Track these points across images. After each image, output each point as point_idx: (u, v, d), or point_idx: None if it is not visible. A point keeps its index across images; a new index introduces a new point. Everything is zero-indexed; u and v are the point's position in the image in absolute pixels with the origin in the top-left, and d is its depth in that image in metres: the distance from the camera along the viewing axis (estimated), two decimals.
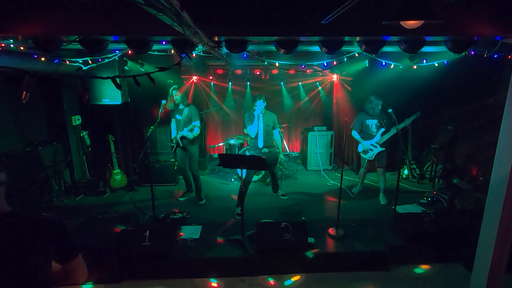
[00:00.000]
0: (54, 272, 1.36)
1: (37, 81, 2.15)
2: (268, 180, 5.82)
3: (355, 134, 4.97)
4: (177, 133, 4.77)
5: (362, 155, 5.06)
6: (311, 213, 4.66)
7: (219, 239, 3.78)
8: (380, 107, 4.75)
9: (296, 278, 3.40)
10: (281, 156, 5.03)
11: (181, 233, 3.79)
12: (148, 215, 4.49)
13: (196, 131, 4.70)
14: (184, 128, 4.67)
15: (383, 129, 4.81)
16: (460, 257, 3.64)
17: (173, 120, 4.89)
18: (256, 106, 4.53)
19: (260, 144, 4.64)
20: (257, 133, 4.64)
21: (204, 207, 5.00)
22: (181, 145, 4.79)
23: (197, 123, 4.69)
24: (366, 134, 4.91)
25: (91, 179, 5.76)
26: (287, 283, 3.36)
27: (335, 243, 3.71)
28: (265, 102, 4.58)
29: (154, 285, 3.37)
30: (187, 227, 4.02)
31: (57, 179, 5.17)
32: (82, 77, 4.43)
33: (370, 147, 4.89)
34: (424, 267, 3.60)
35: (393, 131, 4.70)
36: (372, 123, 4.87)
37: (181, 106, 4.75)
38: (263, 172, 5.91)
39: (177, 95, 4.65)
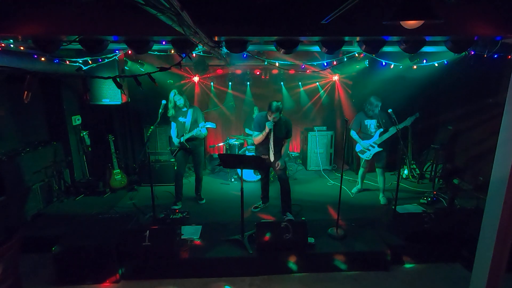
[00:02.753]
0: None
1: (38, 81, 2.15)
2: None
3: (353, 134, 4.97)
4: (183, 136, 4.65)
5: (360, 155, 5.07)
6: (311, 213, 4.66)
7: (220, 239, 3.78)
8: (379, 108, 4.75)
9: None
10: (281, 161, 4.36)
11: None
12: (148, 215, 4.49)
13: (205, 131, 4.65)
14: (195, 129, 4.56)
15: (381, 130, 4.82)
16: (460, 257, 3.64)
17: (173, 124, 4.78)
18: (273, 114, 4.00)
19: (272, 156, 4.23)
20: (265, 143, 4.26)
21: (204, 207, 5.00)
22: (188, 147, 4.68)
23: (202, 124, 4.64)
24: (365, 135, 4.93)
25: (91, 179, 5.75)
26: None
27: (335, 243, 3.71)
28: (279, 112, 4.04)
29: (154, 285, 3.37)
30: (187, 227, 4.02)
31: (57, 179, 5.17)
32: (82, 77, 4.43)
33: (367, 147, 4.90)
34: (424, 267, 3.60)
35: (391, 132, 4.71)
36: (370, 123, 4.88)
37: (184, 109, 4.70)
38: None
39: (179, 100, 4.58)
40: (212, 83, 7.23)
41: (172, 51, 4.04)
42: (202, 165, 5.01)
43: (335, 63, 4.85)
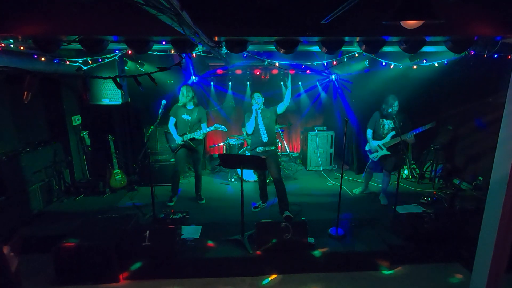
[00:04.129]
0: None
1: (38, 81, 2.15)
2: (268, 180, 5.82)
3: (368, 132, 4.91)
4: (186, 134, 4.66)
5: (368, 154, 5.04)
6: (311, 213, 4.66)
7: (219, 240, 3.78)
8: (395, 108, 4.58)
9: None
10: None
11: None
12: (148, 215, 4.49)
13: (206, 132, 4.72)
14: (198, 131, 4.64)
15: (393, 133, 4.68)
16: (460, 257, 3.65)
17: (172, 119, 4.76)
18: (254, 99, 4.39)
19: (265, 138, 4.39)
20: (256, 129, 4.42)
21: (204, 207, 4.99)
22: (194, 146, 4.72)
23: (204, 125, 4.70)
24: (376, 134, 4.85)
25: (91, 179, 5.76)
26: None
27: (335, 243, 3.71)
28: (263, 98, 4.43)
29: (154, 285, 3.37)
30: (187, 227, 4.03)
31: (57, 179, 5.17)
32: (82, 77, 4.43)
33: (376, 148, 4.85)
34: (424, 267, 3.60)
35: (408, 136, 4.56)
36: (384, 123, 4.77)
37: (190, 106, 4.71)
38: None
39: (189, 92, 4.62)
40: (212, 83, 7.23)
41: (172, 51, 4.03)
42: (202, 163, 5.03)
43: (335, 63, 4.85)
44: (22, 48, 3.64)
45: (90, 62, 4.33)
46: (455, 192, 4.94)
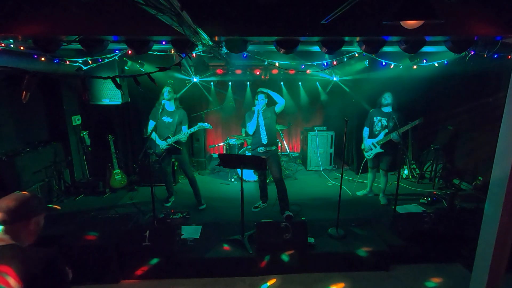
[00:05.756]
0: None
1: (37, 81, 2.15)
2: (268, 180, 5.82)
3: (364, 130, 4.93)
4: (169, 137, 4.51)
5: (364, 152, 5.05)
6: (311, 213, 4.66)
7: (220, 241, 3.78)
8: (388, 99, 4.63)
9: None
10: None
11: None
12: (148, 215, 4.49)
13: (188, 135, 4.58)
14: (182, 132, 4.50)
15: (386, 131, 4.70)
16: (460, 257, 3.64)
17: (151, 123, 4.55)
18: (257, 100, 4.35)
19: (264, 140, 4.38)
20: (257, 129, 4.41)
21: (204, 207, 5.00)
22: (181, 149, 4.62)
23: (185, 128, 4.57)
24: (371, 132, 4.87)
25: (91, 179, 5.76)
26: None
27: (335, 243, 3.71)
28: (267, 99, 4.39)
29: (154, 285, 3.37)
30: (187, 227, 4.02)
31: (57, 179, 5.17)
32: (82, 77, 4.43)
33: (370, 146, 4.87)
34: (424, 267, 3.60)
35: (392, 135, 4.58)
36: (378, 121, 4.77)
37: (171, 108, 4.56)
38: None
39: (171, 93, 4.46)
40: (212, 83, 7.23)
41: (172, 51, 4.03)
42: (189, 165, 4.95)
43: (335, 63, 4.85)
44: (22, 48, 3.64)
45: (90, 62, 4.33)
46: (455, 192, 4.94)
